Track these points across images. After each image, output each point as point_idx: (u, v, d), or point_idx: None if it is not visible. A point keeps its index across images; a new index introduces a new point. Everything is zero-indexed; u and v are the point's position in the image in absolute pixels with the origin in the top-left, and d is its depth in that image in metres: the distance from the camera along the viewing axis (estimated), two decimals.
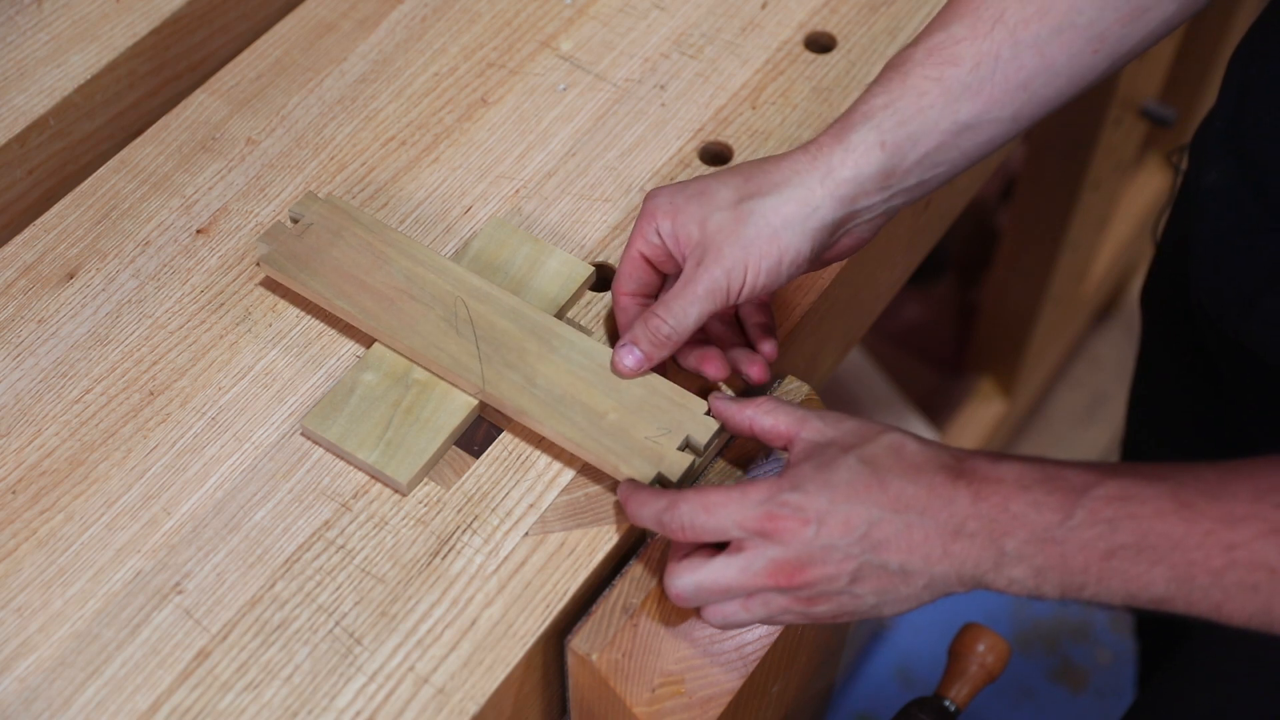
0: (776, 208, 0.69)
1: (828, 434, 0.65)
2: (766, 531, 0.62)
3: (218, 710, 0.66)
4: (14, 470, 0.73)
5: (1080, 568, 0.60)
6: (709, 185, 0.71)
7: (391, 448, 0.72)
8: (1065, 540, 0.60)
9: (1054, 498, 0.61)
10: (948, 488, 0.62)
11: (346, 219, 0.79)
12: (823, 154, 0.69)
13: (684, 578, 0.65)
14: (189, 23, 0.88)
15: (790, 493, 0.62)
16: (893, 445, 0.64)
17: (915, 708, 0.85)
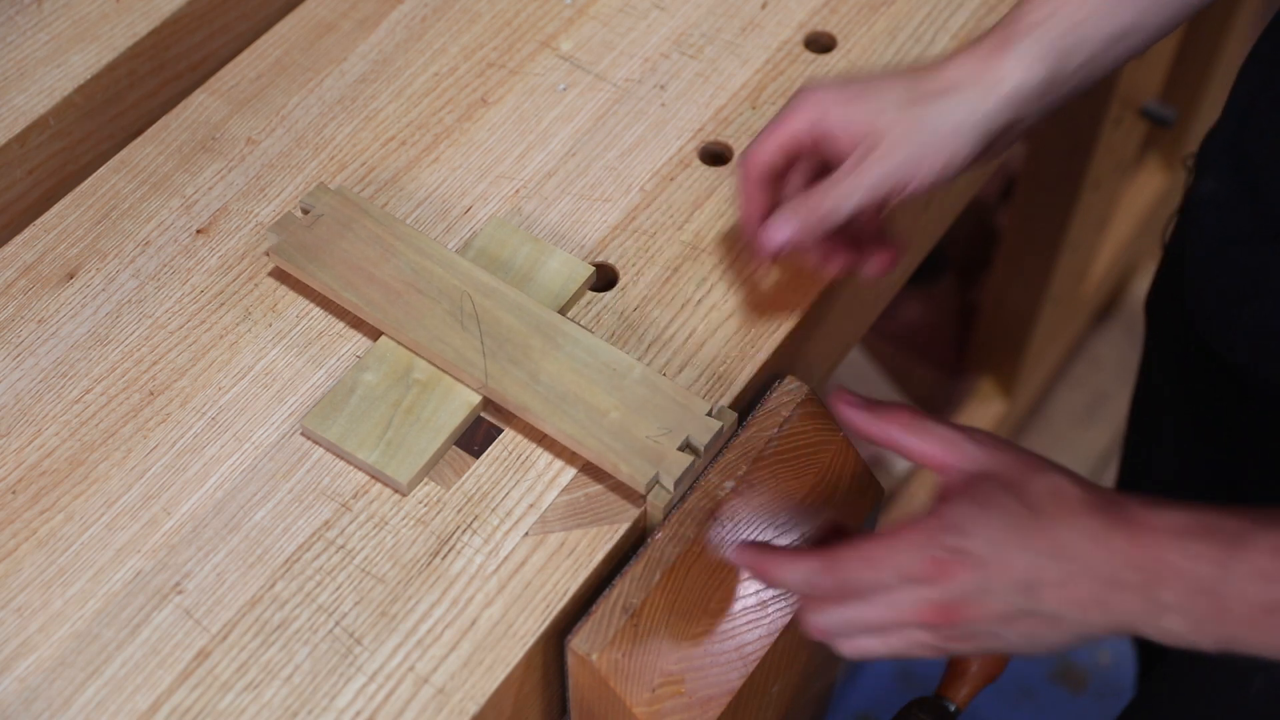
0: (949, 111, 0.69)
1: (984, 464, 0.63)
2: (932, 578, 0.61)
3: (218, 710, 0.66)
4: (14, 470, 0.73)
5: (1239, 621, 0.59)
6: (876, 84, 0.70)
7: (391, 448, 0.72)
8: (1224, 594, 0.59)
9: (1212, 549, 0.59)
10: (1105, 534, 0.60)
11: (357, 211, 0.79)
12: (992, 62, 0.69)
13: (831, 615, 0.63)
14: (189, 23, 0.88)
15: (951, 535, 0.61)
16: (1052, 487, 0.62)
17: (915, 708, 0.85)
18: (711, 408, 0.73)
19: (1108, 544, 0.60)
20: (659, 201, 0.83)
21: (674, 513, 0.72)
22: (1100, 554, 0.60)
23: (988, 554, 0.60)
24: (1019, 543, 0.60)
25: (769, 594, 0.72)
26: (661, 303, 0.79)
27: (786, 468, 0.74)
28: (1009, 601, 0.61)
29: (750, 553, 0.66)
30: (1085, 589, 0.60)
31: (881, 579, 0.61)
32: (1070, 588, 0.60)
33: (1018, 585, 0.60)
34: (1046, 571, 0.60)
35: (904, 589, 0.61)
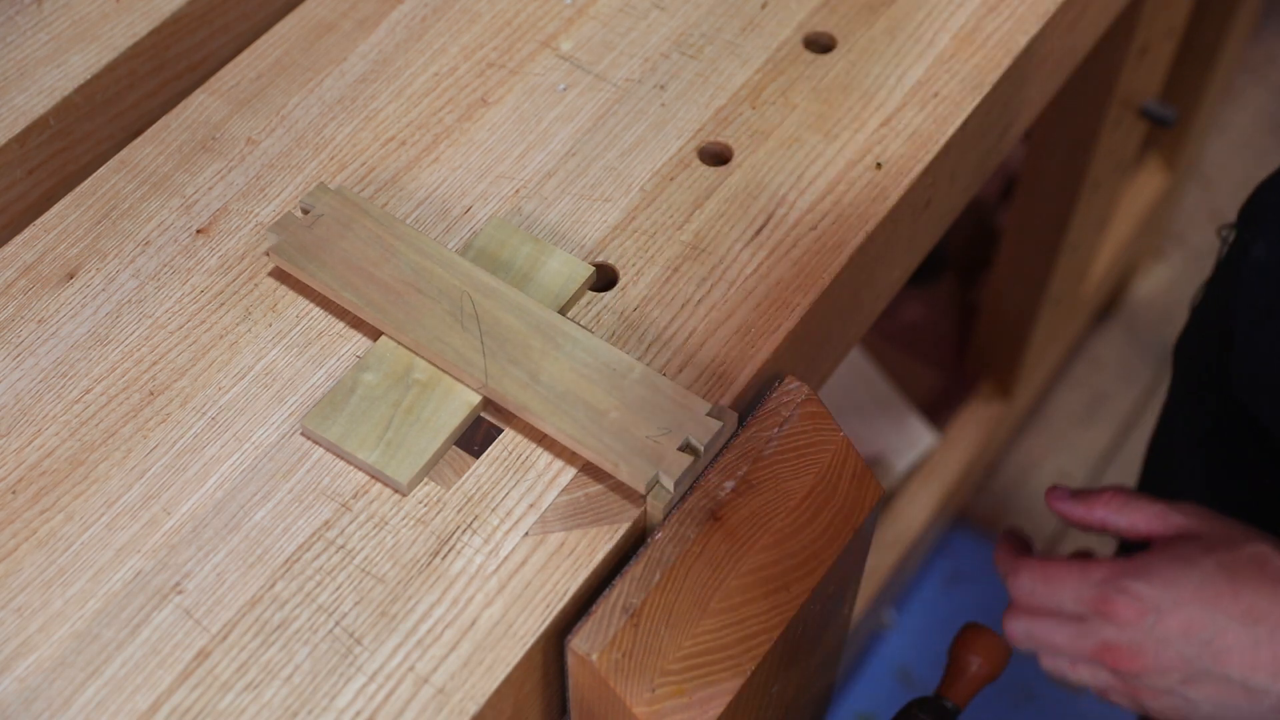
0: None
1: (1192, 529, 0.64)
2: (1102, 612, 0.62)
3: (218, 710, 0.66)
4: (14, 470, 0.73)
5: None
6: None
7: (392, 448, 0.72)
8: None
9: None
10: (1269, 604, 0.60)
11: (357, 211, 0.79)
12: None
13: (1019, 623, 0.66)
14: (189, 23, 0.88)
15: (1133, 580, 0.62)
16: (1256, 556, 0.62)
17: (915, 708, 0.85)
18: (711, 408, 0.73)
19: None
20: (659, 201, 0.83)
21: (674, 513, 0.72)
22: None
23: (1164, 603, 0.60)
24: (1208, 602, 0.60)
25: (769, 594, 0.72)
26: (661, 303, 0.79)
27: (786, 468, 0.74)
28: (1186, 657, 0.60)
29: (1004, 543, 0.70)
30: (1277, 658, 0.59)
31: (1057, 599, 0.63)
32: (1259, 655, 0.59)
33: (1201, 645, 0.60)
34: (1233, 635, 0.60)
35: (1089, 623, 0.63)
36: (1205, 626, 0.60)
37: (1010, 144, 1.05)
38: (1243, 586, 0.60)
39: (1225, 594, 0.60)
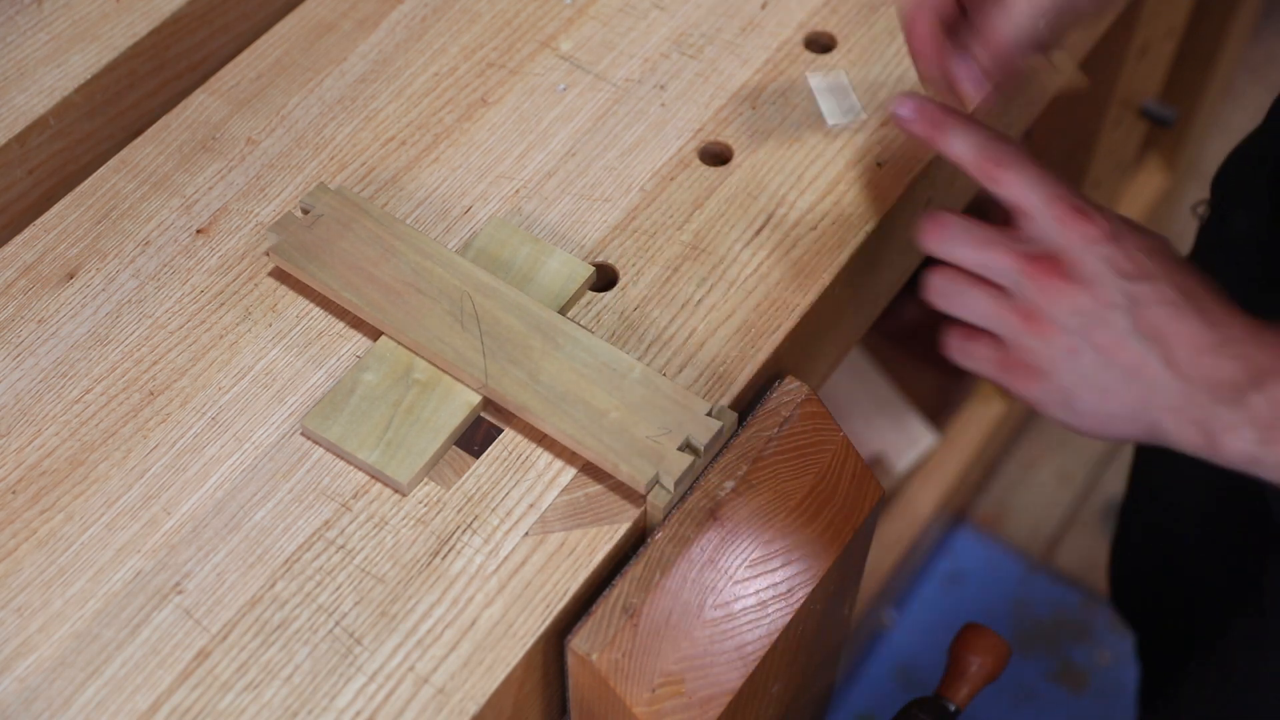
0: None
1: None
2: (1059, 217, 0.58)
3: (218, 710, 0.66)
4: (14, 470, 0.73)
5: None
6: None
7: (392, 448, 0.72)
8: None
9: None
10: (1227, 306, 0.57)
11: (357, 211, 0.79)
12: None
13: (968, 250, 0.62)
14: (189, 23, 0.88)
15: (1090, 205, 0.58)
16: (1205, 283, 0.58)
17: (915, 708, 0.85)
18: (711, 408, 0.73)
19: (1229, 305, 0.57)
20: (659, 201, 0.83)
21: (674, 513, 0.72)
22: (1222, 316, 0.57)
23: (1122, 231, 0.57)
24: (1150, 250, 0.57)
25: (769, 594, 0.72)
26: (661, 303, 0.79)
27: (786, 468, 0.74)
28: (1112, 298, 0.57)
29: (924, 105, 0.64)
30: (1188, 336, 0.57)
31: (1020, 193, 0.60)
32: (1173, 325, 0.56)
33: (1128, 291, 0.57)
34: (1162, 294, 0.56)
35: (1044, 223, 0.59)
36: (1145, 274, 0.57)
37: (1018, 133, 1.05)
38: (1187, 272, 0.58)
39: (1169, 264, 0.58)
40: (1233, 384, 0.56)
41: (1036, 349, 0.61)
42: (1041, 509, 1.81)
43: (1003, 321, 0.62)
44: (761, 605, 0.71)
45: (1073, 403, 0.61)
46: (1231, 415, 0.56)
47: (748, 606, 0.71)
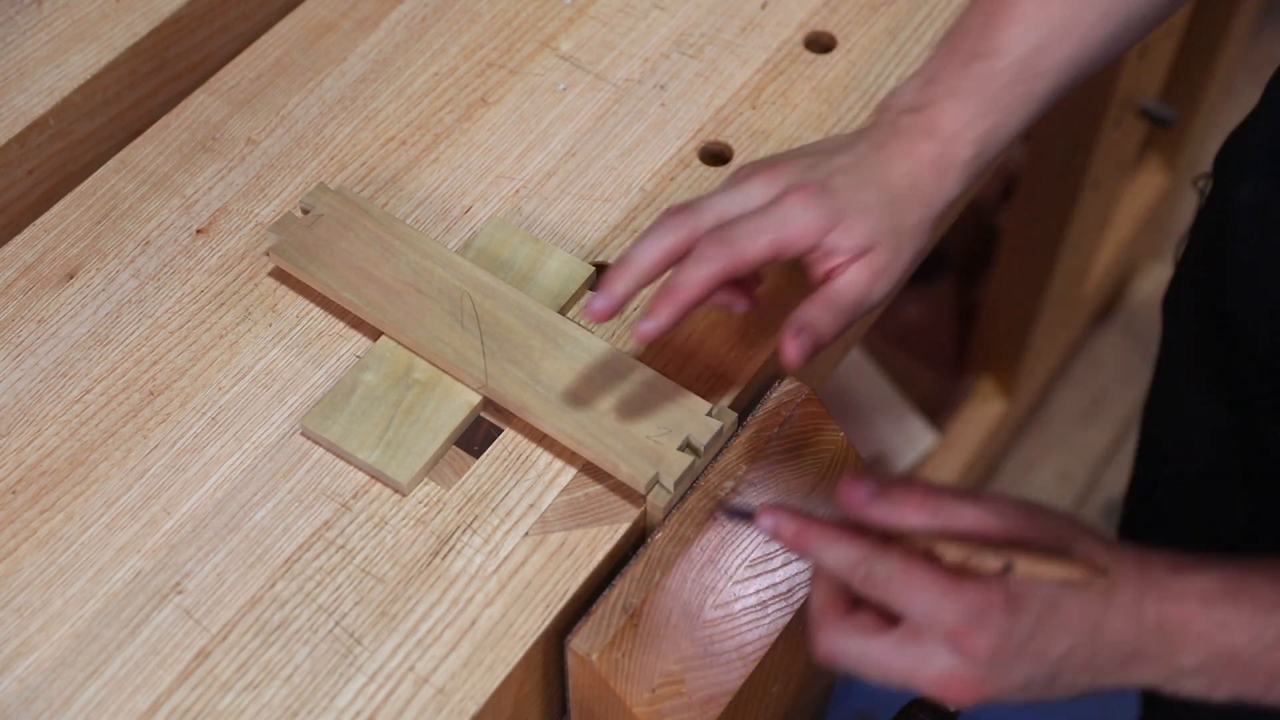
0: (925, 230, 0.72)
1: (1020, 531, 0.61)
2: (960, 645, 0.58)
3: (218, 710, 0.66)
4: (14, 470, 0.73)
5: (1265, 681, 0.59)
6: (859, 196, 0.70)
7: (392, 448, 0.72)
8: (1254, 659, 0.59)
9: (1242, 616, 0.59)
10: (1136, 608, 0.59)
11: (357, 211, 0.79)
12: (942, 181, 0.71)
13: (849, 645, 0.61)
14: (189, 23, 0.88)
15: (1003, 615, 0.58)
16: (1088, 554, 0.60)
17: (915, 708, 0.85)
18: (711, 408, 0.73)
19: (1137, 619, 0.59)
20: (659, 201, 0.83)
21: (674, 513, 0.72)
22: (1129, 631, 0.59)
23: (1029, 635, 0.58)
24: (1060, 624, 0.59)
25: (769, 594, 0.72)
26: None
27: (787, 468, 0.74)
28: (1033, 677, 0.59)
29: (786, 514, 0.61)
30: (1106, 665, 0.60)
31: (913, 608, 0.58)
32: (1093, 664, 0.59)
33: (1047, 664, 0.59)
34: (1078, 651, 0.59)
35: (933, 648, 0.59)
36: (1058, 647, 0.59)
37: None
38: (1084, 595, 0.59)
39: (1076, 611, 0.59)
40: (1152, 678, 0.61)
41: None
42: None
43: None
44: (761, 605, 0.71)
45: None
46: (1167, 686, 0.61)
47: (748, 606, 0.71)
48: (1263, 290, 0.83)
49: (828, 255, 0.68)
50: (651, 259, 0.67)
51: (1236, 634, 0.58)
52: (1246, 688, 0.59)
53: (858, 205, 0.68)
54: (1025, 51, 0.71)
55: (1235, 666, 0.59)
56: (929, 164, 0.70)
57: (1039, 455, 1.86)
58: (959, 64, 0.72)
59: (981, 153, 0.71)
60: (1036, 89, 0.71)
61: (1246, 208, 0.83)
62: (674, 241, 0.67)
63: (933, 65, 0.73)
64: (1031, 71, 0.71)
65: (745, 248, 0.66)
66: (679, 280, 0.66)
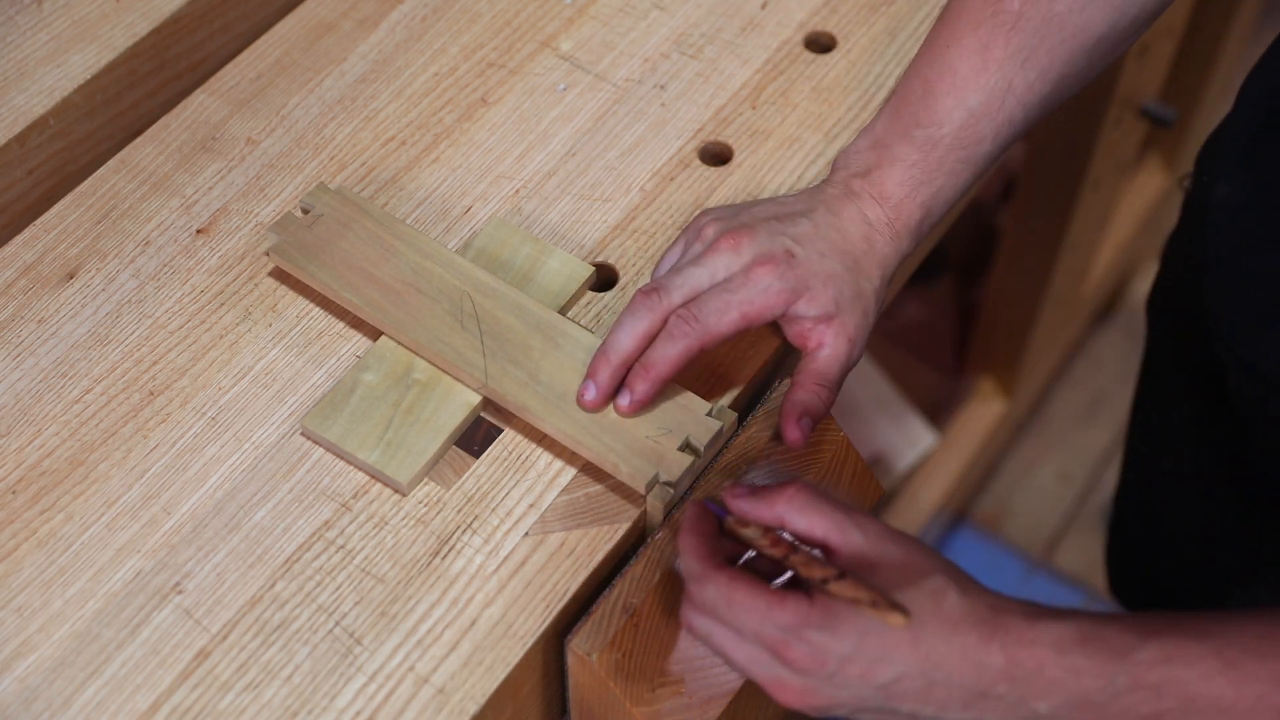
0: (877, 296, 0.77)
1: (868, 554, 0.63)
2: (781, 657, 0.61)
3: (218, 710, 0.66)
4: (14, 470, 0.73)
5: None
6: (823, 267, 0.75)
7: (392, 448, 0.72)
8: (1106, 705, 0.60)
9: (1093, 662, 0.60)
10: (980, 651, 0.61)
11: (356, 211, 0.79)
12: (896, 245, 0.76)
13: (701, 620, 0.64)
14: (189, 23, 0.88)
15: (818, 631, 0.60)
16: (935, 592, 0.62)
17: None
18: (711, 408, 0.73)
19: (982, 660, 0.60)
20: (659, 201, 0.83)
21: (674, 513, 0.72)
22: (971, 669, 0.60)
23: (850, 655, 0.60)
24: (888, 653, 0.60)
25: None
26: None
27: (787, 468, 0.74)
28: (864, 698, 0.62)
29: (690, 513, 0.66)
30: (949, 698, 0.61)
31: (740, 628, 0.62)
32: (932, 695, 0.61)
33: (877, 689, 0.61)
34: (910, 680, 0.61)
35: (767, 654, 0.62)
36: (886, 676, 0.61)
37: None
38: (920, 631, 0.61)
39: (904, 643, 0.61)
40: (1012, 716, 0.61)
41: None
42: (1041, 509, 1.81)
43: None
44: None
45: None
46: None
47: None
48: (1238, 289, 0.83)
49: (794, 320, 0.73)
50: (629, 346, 0.72)
51: (1087, 680, 0.59)
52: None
53: (821, 274, 0.73)
54: (963, 119, 0.75)
55: (1088, 711, 0.60)
56: (882, 227, 0.75)
57: (1039, 455, 1.86)
58: (901, 130, 0.76)
59: (928, 216, 0.76)
60: (977, 153, 0.76)
61: (1223, 207, 0.84)
62: (647, 325, 0.72)
63: (879, 127, 0.78)
64: (971, 138, 0.75)
65: (715, 324, 0.71)
66: (653, 358, 0.71)
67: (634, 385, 0.71)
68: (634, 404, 0.71)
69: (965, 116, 0.75)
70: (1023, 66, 0.75)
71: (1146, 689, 0.59)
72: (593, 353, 0.74)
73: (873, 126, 0.78)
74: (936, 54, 0.76)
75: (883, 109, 0.78)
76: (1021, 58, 0.75)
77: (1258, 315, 0.81)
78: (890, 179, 0.75)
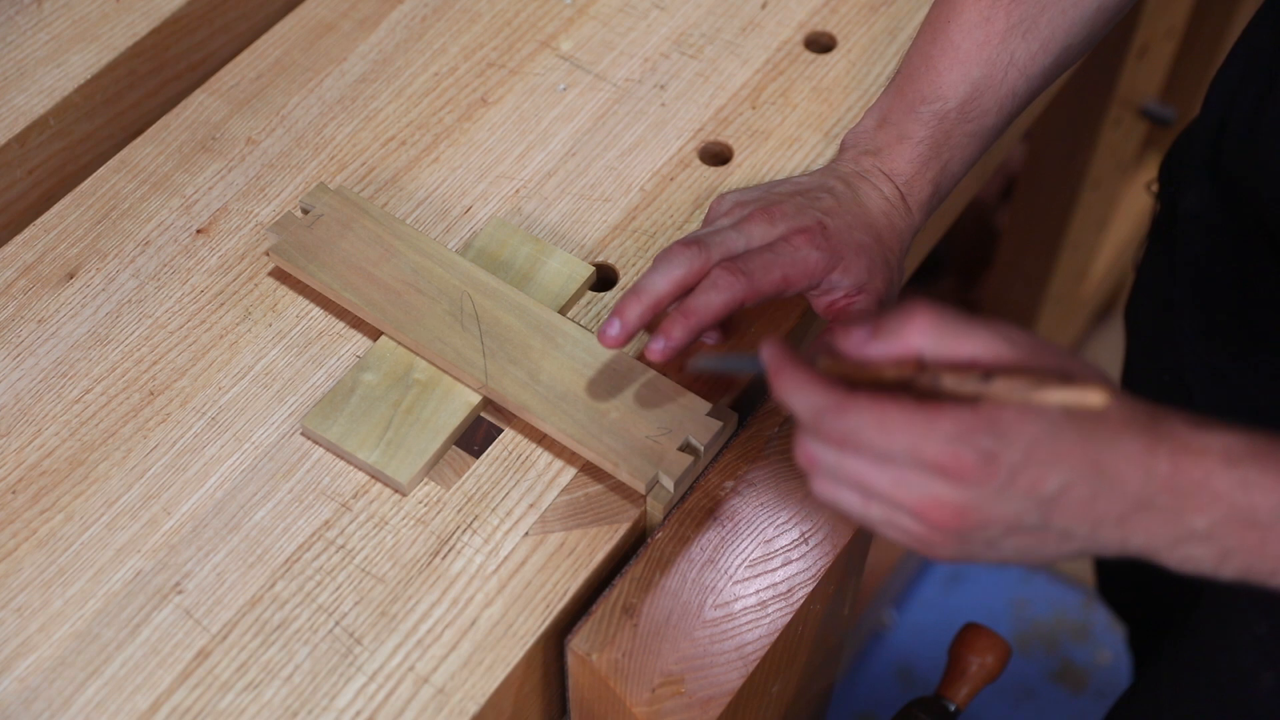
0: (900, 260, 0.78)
1: (1028, 359, 0.56)
2: (947, 470, 0.54)
3: (218, 710, 0.66)
4: (14, 470, 0.73)
5: (1277, 555, 0.55)
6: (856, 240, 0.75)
7: (392, 448, 0.72)
8: (1271, 527, 0.55)
9: (1267, 478, 0.55)
10: (1147, 456, 0.55)
11: (356, 211, 0.79)
12: (912, 218, 0.76)
13: (828, 454, 0.57)
14: (189, 23, 0.88)
15: (988, 437, 0.54)
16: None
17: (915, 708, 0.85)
18: (711, 408, 0.73)
19: (1149, 465, 0.55)
20: (659, 201, 0.83)
21: (674, 513, 0.72)
22: (1138, 476, 0.55)
23: (1020, 464, 0.55)
24: (1055, 456, 0.55)
25: (769, 594, 0.72)
26: None
27: (787, 467, 0.74)
28: (1023, 514, 0.56)
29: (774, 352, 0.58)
30: (1109, 509, 0.56)
31: (893, 451, 0.55)
32: (1094, 507, 0.56)
33: (1040, 501, 0.55)
34: (1076, 488, 0.55)
35: (919, 474, 0.55)
36: (1053, 484, 0.55)
37: (1010, 144, 1.05)
38: (1090, 435, 0.55)
39: (1076, 446, 0.55)
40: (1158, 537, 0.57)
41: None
42: None
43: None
44: (761, 605, 0.71)
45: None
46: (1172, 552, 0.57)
47: (748, 606, 0.71)
48: (1207, 297, 0.83)
49: (829, 291, 0.73)
50: (665, 288, 0.69)
51: (1259, 495, 0.54)
52: (1257, 564, 0.56)
53: (852, 245, 0.72)
54: (967, 93, 0.75)
55: (1251, 534, 0.55)
56: (897, 202, 0.76)
57: None
58: (907, 106, 0.76)
59: (938, 190, 0.77)
60: (983, 126, 0.76)
61: (1191, 216, 0.84)
62: (686, 272, 0.70)
63: (884, 104, 0.78)
64: (976, 111, 0.76)
65: (760, 279, 0.69)
66: (695, 303, 0.69)
67: (670, 330, 0.68)
68: (668, 349, 0.68)
69: (969, 90, 0.75)
70: (1025, 38, 0.75)
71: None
72: (593, 352, 0.74)
73: (879, 104, 0.78)
74: (938, 29, 0.76)
75: (888, 86, 0.78)
76: (1023, 29, 0.75)
77: (1227, 317, 0.82)
78: (900, 156, 0.76)
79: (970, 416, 0.54)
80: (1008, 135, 1.01)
